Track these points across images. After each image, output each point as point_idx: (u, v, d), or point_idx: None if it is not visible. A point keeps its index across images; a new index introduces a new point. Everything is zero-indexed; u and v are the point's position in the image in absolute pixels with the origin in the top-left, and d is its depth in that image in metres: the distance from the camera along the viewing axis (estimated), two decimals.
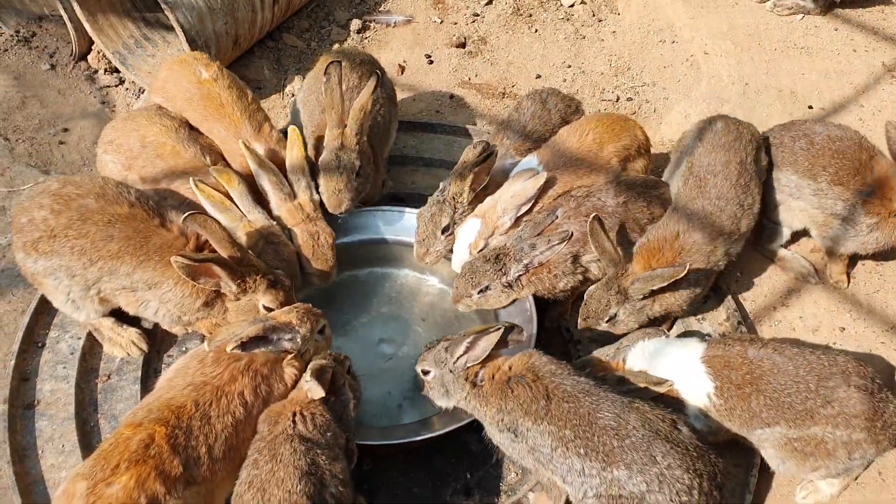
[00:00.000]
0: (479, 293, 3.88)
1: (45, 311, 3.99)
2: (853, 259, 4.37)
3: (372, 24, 5.84)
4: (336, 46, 5.63)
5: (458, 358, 3.32)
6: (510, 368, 3.30)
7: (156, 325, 4.02)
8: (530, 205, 3.98)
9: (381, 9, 5.93)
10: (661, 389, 3.37)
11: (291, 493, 2.80)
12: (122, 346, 3.90)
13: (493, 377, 3.30)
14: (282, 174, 4.01)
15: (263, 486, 2.85)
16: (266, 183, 3.97)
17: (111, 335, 3.89)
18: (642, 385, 3.39)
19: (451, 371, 3.36)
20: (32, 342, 3.90)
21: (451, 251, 4.11)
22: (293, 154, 3.98)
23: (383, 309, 4.24)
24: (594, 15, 5.96)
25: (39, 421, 3.62)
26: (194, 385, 3.17)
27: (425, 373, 3.47)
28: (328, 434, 3.08)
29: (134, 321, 3.97)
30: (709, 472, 3.06)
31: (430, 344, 3.52)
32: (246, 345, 3.25)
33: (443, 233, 4.07)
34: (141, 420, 3.01)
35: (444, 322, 4.17)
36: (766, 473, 3.67)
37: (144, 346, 3.93)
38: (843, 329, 4.15)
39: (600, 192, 3.96)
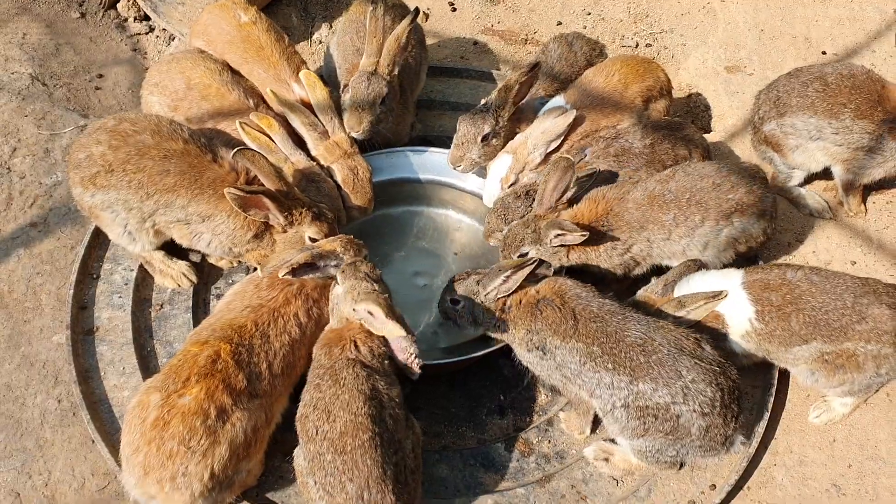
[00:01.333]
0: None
1: (97, 245, 4.19)
2: (865, 195, 4.55)
3: None
4: None
5: (490, 290, 3.50)
6: (538, 292, 3.49)
7: (203, 259, 4.23)
8: (560, 141, 4.16)
9: None
10: (719, 301, 3.53)
11: (357, 414, 3.01)
12: (172, 277, 4.10)
13: (520, 302, 3.49)
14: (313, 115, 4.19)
15: (328, 407, 3.06)
16: (299, 125, 4.15)
17: (162, 267, 4.10)
18: (701, 302, 3.53)
19: (482, 302, 3.55)
20: (87, 274, 4.11)
21: (482, 163, 4.30)
22: (317, 94, 4.15)
23: (419, 244, 4.45)
24: None
25: (100, 346, 3.85)
26: (252, 307, 3.39)
27: (454, 302, 3.62)
28: (385, 362, 3.30)
29: (183, 255, 4.18)
30: (729, 386, 3.29)
31: (459, 276, 3.67)
32: (296, 271, 3.46)
33: (482, 140, 4.23)
34: (206, 338, 3.24)
35: (475, 256, 4.37)
36: (780, 395, 3.92)
37: (194, 278, 4.14)
38: (854, 263, 4.37)
39: (628, 134, 4.14)
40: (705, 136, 4.91)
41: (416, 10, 4.31)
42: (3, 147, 4.81)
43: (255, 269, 3.95)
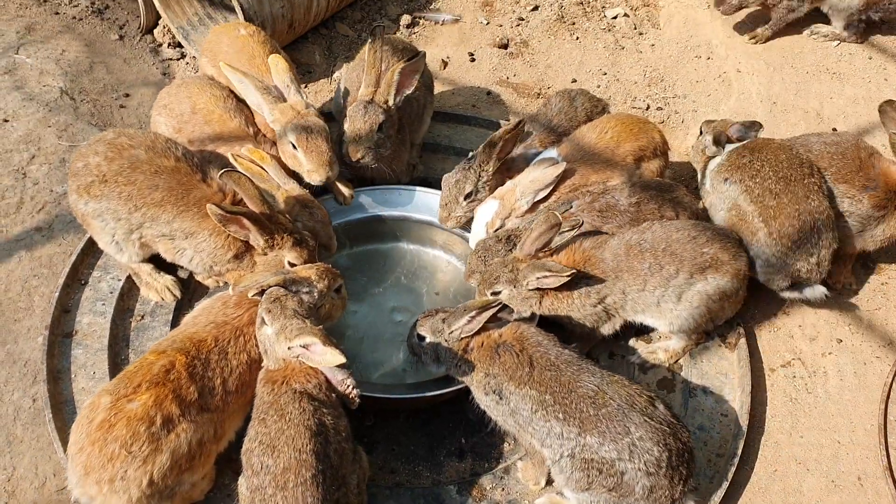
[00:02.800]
0: None
1: (90, 253, 4.33)
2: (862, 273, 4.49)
3: (421, 21, 6.15)
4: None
5: (454, 329, 3.52)
6: (500, 336, 3.51)
7: (190, 276, 4.34)
8: (548, 191, 4.21)
9: (432, 7, 6.24)
10: None
11: (301, 451, 3.01)
12: (157, 290, 4.22)
13: (482, 344, 3.51)
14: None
15: (273, 443, 3.06)
16: (253, 91, 4.23)
17: (148, 280, 4.22)
18: None
19: (445, 340, 3.56)
20: (76, 279, 4.25)
21: (471, 217, 4.37)
22: (278, 64, 4.31)
23: (402, 281, 4.50)
24: (636, 28, 6.18)
25: (76, 349, 3.96)
26: (216, 323, 3.47)
27: (420, 338, 3.65)
28: (333, 395, 3.30)
29: (170, 270, 4.30)
30: (678, 448, 3.25)
31: (428, 312, 3.69)
32: (266, 293, 3.54)
33: (465, 199, 4.33)
34: (165, 348, 3.32)
35: (456, 296, 4.41)
36: (745, 466, 3.84)
37: (178, 293, 4.24)
38: (840, 341, 4.29)
39: (615, 191, 4.17)
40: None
41: (422, 53, 4.42)
42: (24, 154, 5.03)
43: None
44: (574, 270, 3.75)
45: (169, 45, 6.12)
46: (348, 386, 3.31)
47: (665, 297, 3.84)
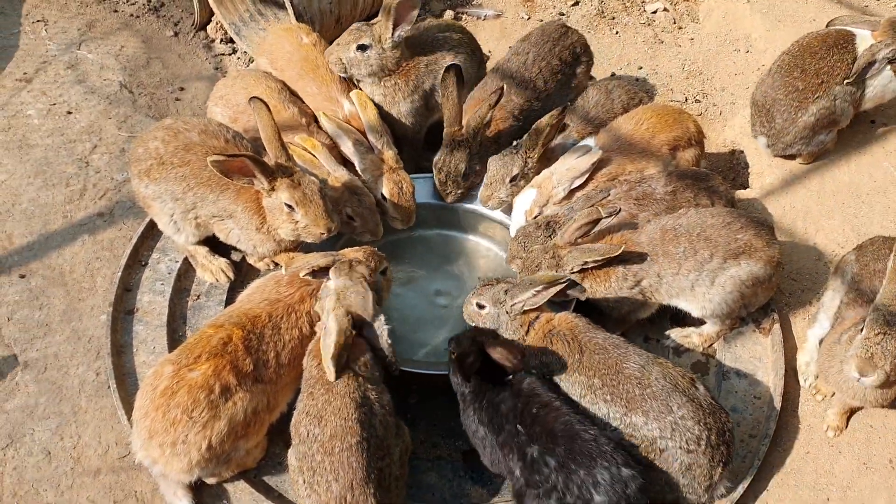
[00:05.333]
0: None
1: (150, 236, 4.57)
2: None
3: (464, 16, 6.31)
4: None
5: (517, 301, 3.68)
6: (554, 324, 3.68)
7: (242, 259, 4.55)
8: (583, 179, 4.34)
9: (475, 2, 6.39)
10: None
11: (347, 419, 3.22)
12: (212, 272, 4.43)
13: (539, 328, 3.69)
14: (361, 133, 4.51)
15: (320, 413, 3.28)
16: (345, 141, 4.47)
17: (204, 262, 4.44)
18: None
19: (507, 312, 3.73)
20: (137, 261, 4.49)
21: (510, 201, 4.53)
22: (367, 113, 4.46)
23: (445, 266, 4.68)
24: (675, 22, 6.27)
25: (137, 325, 4.20)
26: (269, 300, 3.67)
27: (480, 306, 3.81)
28: (375, 372, 3.50)
29: (225, 253, 4.51)
30: (718, 427, 3.39)
31: (488, 282, 3.85)
32: (316, 273, 3.72)
33: (511, 181, 4.48)
34: (222, 323, 3.53)
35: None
36: (778, 448, 3.94)
37: (231, 275, 4.45)
38: None
39: (652, 180, 4.29)
40: (742, 191, 5.03)
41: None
42: (86, 143, 5.29)
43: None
44: (623, 247, 3.88)
45: (221, 40, 6.35)
46: (391, 351, 3.50)
47: (699, 281, 3.96)
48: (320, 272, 3.75)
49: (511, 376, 3.51)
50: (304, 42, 4.79)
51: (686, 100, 5.67)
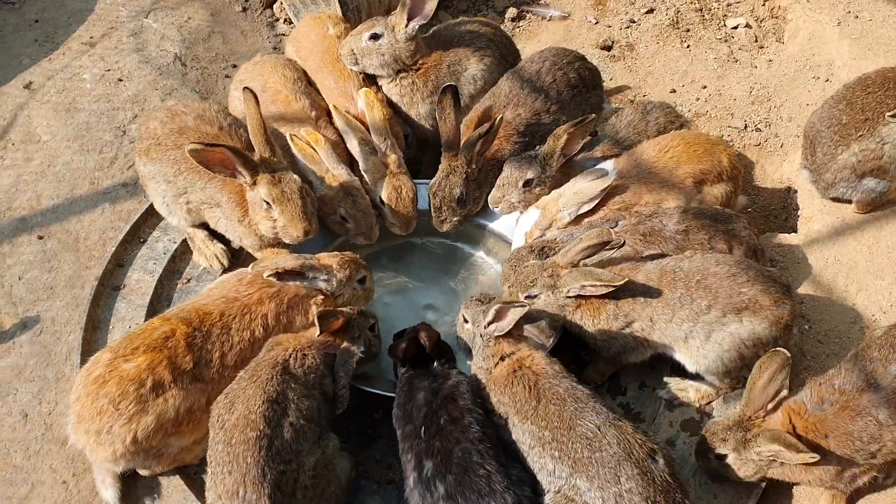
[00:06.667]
0: None
1: (154, 213, 4.56)
2: None
3: (528, 15, 6.02)
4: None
5: (487, 323, 3.47)
6: (525, 363, 3.40)
7: (241, 248, 4.50)
8: (592, 205, 4.05)
9: (542, 1, 6.09)
10: None
11: (252, 411, 3.10)
12: (206, 256, 4.40)
13: (504, 365, 3.43)
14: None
15: (234, 398, 3.19)
16: (352, 139, 4.31)
17: (201, 245, 4.41)
18: None
19: (481, 335, 3.52)
20: (136, 237, 4.51)
21: (524, 206, 4.29)
22: (374, 114, 4.28)
23: (442, 279, 4.47)
24: (756, 41, 5.77)
25: (119, 302, 4.22)
26: (226, 298, 3.59)
27: (465, 320, 3.64)
28: (311, 376, 3.36)
29: (225, 240, 4.46)
30: None
31: (479, 297, 3.68)
32: (282, 275, 3.62)
33: (524, 185, 4.22)
34: (171, 316, 3.47)
35: None
36: None
37: (225, 262, 4.40)
38: None
39: (664, 216, 3.94)
40: (786, 235, 4.56)
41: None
42: (128, 112, 5.38)
43: None
44: (626, 279, 3.58)
45: (284, 20, 6.32)
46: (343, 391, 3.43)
47: (693, 333, 3.60)
48: (287, 275, 3.64)
49: (436, 363, 3.42)
50: (329, 33, 4.67)
51: (745, 127, 5.19)
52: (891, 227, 4.45)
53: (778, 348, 3.31)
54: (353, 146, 4.32)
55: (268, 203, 3.82)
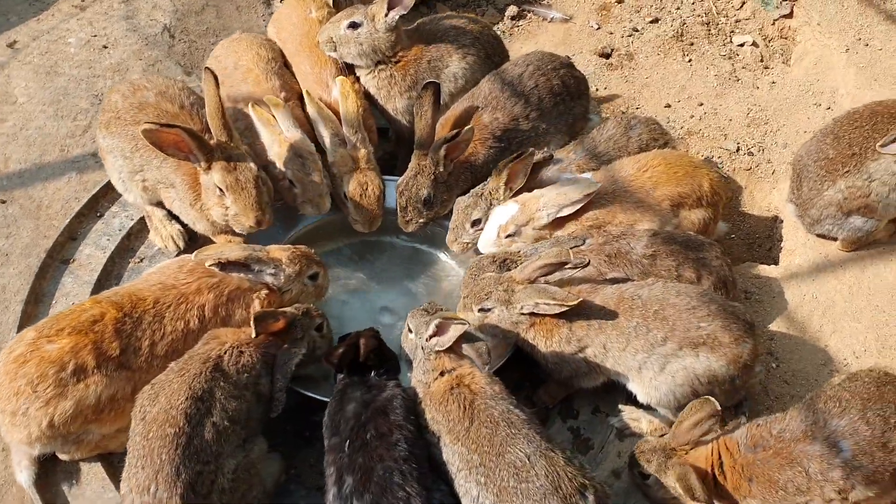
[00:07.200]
0: None
1: (114, 188, 4.45)
2: None
3: (529, 15, 5.83)
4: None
5: (429, 336, 3.32)
6: (465, 381, 3.25)
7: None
8: (573, 209, 3.90)
9: (544, 1, 5.89)
10: None
11: (173, 405, 2.98)
12: (162, 237, 4.27)
13: (443, 381, 3.28)
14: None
15: (159, 390, 3.07)
16: (322, 129, 4.16)
17: (158, 225, 4.28)
18: None
19: (422, 347, 3.37)
20: (93, 210, 4.40)
21: (476, 243, 4.13)
22: (347, 104, 4.12)
23: (403, 282, 4.32)
24: (762, 60, 5.55)
25: (66, 277, 4.11)
26: (164, 285, 3.45)
27: (409, 329, 3.50)
28: (245, 375, 3.23)
29: (183, 222, 4.33)
30: None
31: (426, 307, 3.53)
32: (225, 266, 3.47)
33: (472, 225, 4.08)
34: (102, 298, 3.35)
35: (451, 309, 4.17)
36: None
37: (181, 244, 4.27)
38: None
39: (633, 238, 3.78)
40: (769, 268, 4.39)
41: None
42: (108, 81, 5.25)
43: None
44: (580, 298, 3.44)
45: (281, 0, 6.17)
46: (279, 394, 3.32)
47: (647, 364, 3.44)
48: (230, 266, 3.50)
49: (372, 373, 3.30)
50: (311, 16, 4.52)
51: (738, 149, 4.99)
52: (875, 267, 4.25)
53: (709, 398, 3.19)
54: (324, 135, 4.16)
55: (221, 190, 3.68)
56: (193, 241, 4.33)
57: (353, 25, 4.24)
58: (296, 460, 3.66)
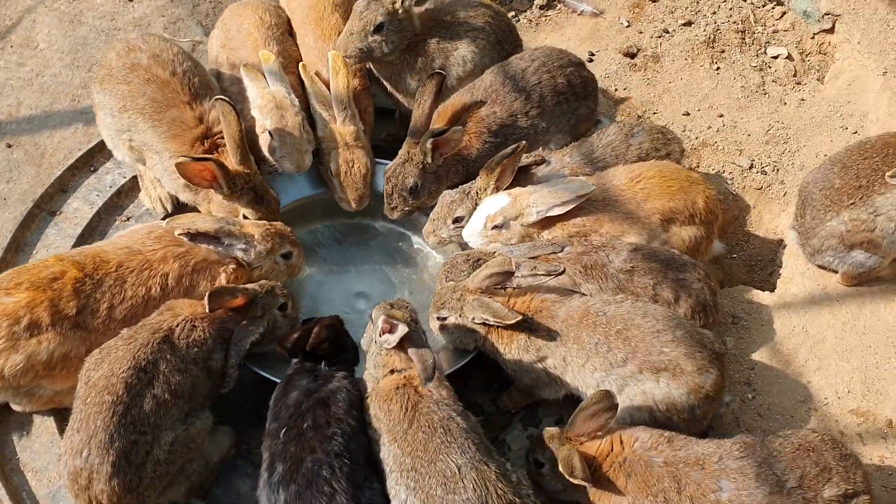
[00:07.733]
0: None
1: None
2: None
3: (558, 5, 5.66)
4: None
5: (380, 332, 3.25)
6: (412, 382, 3.19)
7: None
8: (564, 209, 3.79)
9: None
10: None
11: (114, 373, 3.00)
12: (151, 198, 4.29)
13: (391, 379, 3.22)
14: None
15: (105, 355, 3.08)
16: (315, 104, 4.13)
17: (149, 185, 4.29)
18: None
19: (376, 342, 3.31)
20: (88, 164, 4.42)
21: (456, 240, 4.05)
22: (337, 81, 4.06)
23: (383, 268, 4.27)
24: (795, 75, 5.32)
25: (51, 229, 4.15)
26: (130, 249, 3.46)
27: (371, 319, 3.44)
28: (195, 350, 3.23)
29: None
30: None
31: (394, 302, 3.43)
32: (195, 236, 3.47)
33: (454, 222, 4.00)
34: (66, 257, 3.36)
35: (427, 303, 4.10)
36: None
37: (169, 207, 4.27)
38: None
39: (612, 250, 3.66)
40: (763, 294, 4.23)
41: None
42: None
43: None
44: (519, 317, 3.35)
45: None
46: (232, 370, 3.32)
47: (605, 383, 3.34)
48: (200, 237, 3.50)
49: (322, 364, 3.26)
50: None
51: (751, 167, 4.80)
52: (872, 306, 4.06)
53: (609, 391, 3.09)
54: (316, 110, 4.12)
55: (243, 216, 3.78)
56: (184, 206, 4.32)
57: (378, 29, 4.12)
58: (249, 437, 3.65)
